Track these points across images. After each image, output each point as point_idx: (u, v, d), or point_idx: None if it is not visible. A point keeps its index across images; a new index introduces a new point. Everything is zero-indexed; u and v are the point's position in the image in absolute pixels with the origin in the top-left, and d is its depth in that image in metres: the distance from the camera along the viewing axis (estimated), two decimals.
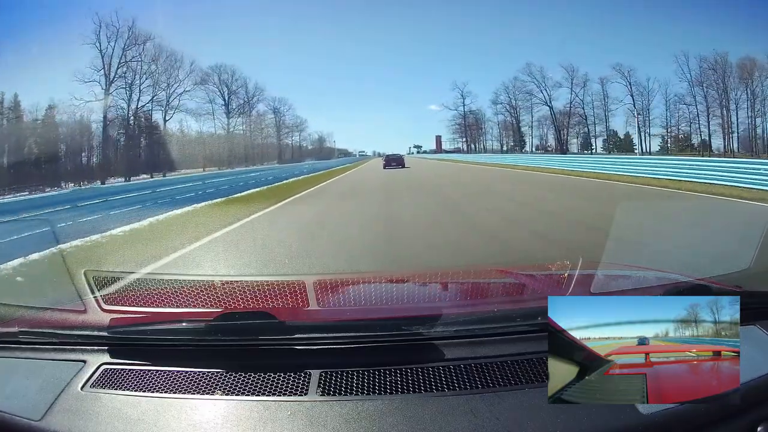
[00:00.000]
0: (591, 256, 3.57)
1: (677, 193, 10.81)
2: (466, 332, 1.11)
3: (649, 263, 2.53)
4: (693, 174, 12.77)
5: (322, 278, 2.30)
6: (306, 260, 4.96)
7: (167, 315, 1.32)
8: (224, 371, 1.07)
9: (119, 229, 7.83)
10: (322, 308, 1.52)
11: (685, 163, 14.56)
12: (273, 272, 4.35)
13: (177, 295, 1.59)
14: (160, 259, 5.31)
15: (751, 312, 1.07)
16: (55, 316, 1.37)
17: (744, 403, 0.91)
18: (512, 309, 1.24)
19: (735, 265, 1.73)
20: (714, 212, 8.21)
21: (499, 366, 1.03)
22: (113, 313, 1.27)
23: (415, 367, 1.03)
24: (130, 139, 33.12)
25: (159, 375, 1.08)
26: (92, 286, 1.46)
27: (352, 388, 0.99)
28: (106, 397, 1.04)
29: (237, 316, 1.18)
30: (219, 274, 4.37)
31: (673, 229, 6.32)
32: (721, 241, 5.05)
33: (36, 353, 1.21)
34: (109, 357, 1.16)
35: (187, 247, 6.02)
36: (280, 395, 1.00)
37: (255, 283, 1.74)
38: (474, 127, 45.42)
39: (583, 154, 37.03)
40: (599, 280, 1.49)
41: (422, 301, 1.61)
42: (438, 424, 0.90)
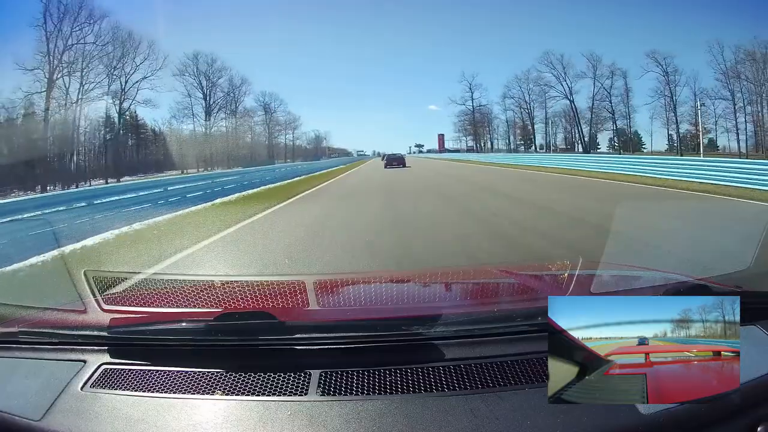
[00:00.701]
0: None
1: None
2: (466, 332, 1.11)
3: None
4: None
5: (322, 278, 2.30)
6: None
7: (167, 315, 1.32)
8: (224, 371, 1.07)
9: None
10: (322, 308, 1.52)
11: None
12: (272, 272, 4.34)
13: (177, 295, 1.59)
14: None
15: (751, 312, 1.07)
16: (55, 316, 1.37)
17: (744, 403, 0.91)
18: (512, 309, 1.24)
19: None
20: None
21: (499, 366, 1.03)
22: (113, 313, 1.27)
23: (415, 367, 1.03)
24: (71, 138, 26.82)
25: (159, 375, 1.08)
26: (92, 286, 1.46)
27: (352, 388, 0.99)
28: (106, 397, 1.04)
29: (237, 316, 1.18)
30: (219, 274, 4.37)
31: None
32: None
33: (36, 353, 1.21)
34: (109, 357, 1.16)
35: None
36: (280, 395, 1.00)
37: (255, 283, 1.74)
38: (481, 124, 41.62)
39: (608, 153, 33.32)
40: (599, 280, 1.49)
41: (422, 301, 1.61)
42: (438, 424, 0.90)
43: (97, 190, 14.81)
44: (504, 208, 9.08)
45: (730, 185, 11.27)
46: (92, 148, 30.26)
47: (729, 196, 9.86)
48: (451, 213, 8.57)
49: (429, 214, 8.59)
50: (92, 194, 12.75)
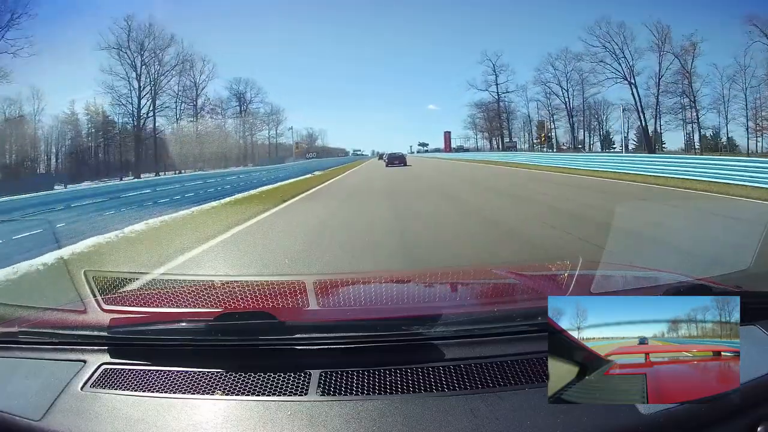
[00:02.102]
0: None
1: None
2: (466, 332, 1.11)
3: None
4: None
5: (322, 278, 2.30)
6: None
7: (167, 315, 1.32)
8: (224, 371, 1.07)
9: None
10: (322, 308, 1.52)
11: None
12: (273, 272, 4.33)
13: (177, 295, 1.59)
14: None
15: (751, 312, 1.07)
16: (55, 316, 1.37)
17: (744, 403, 0.91)
18: (512, 309, 1.24)
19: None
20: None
21: (499, 366, 1.03)
22: (113, 313, 1.27)
23: (415, 367, 1.03)
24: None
25: (159, 375, 1.08)
26: (92, 286, 1.46)
27: (352, 388, 0.99)
28: (106, 397, 1.04)
29: (237, 316, 1.18)
30: (219, 274, 4.37)
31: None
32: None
33: (36, 353, 1.21)
34: (109, 357, 1.16)
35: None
36: (280, 395, 1.00)
37: (255, 283, 1.74)
38: (499, 117, 32.24)
39: (674, 153, 24.18)
40: (599, 280, 1.49)
41: (422, 301, 1.61)
42: (438, 424, 0.90)
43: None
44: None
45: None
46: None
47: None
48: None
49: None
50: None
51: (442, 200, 10.87)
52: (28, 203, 10.88)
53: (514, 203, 10.11)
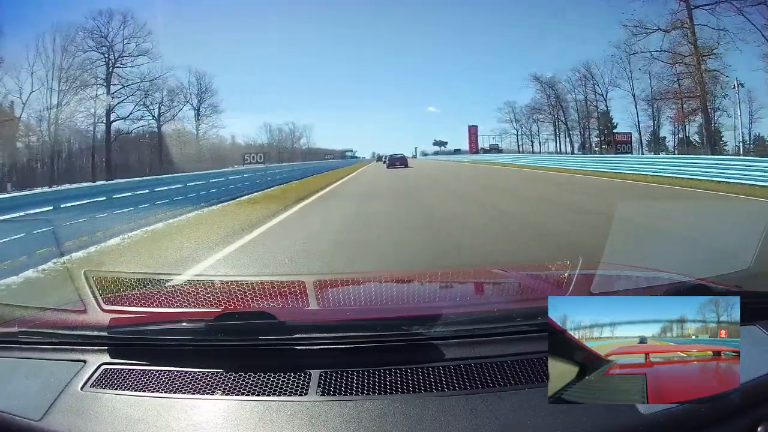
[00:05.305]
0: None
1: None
2: (466, 332, 1.11)
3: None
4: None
5: (322, 278, 2.31)
6: None
7: (167, 315, 1.32)
8: (224, 371, 1.07)
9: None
10: (322, 308, 1.52)
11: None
12: (272, 272, 4.33)
13: (177, 295, 1.59)
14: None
15: (751, 312, 1.07)
16: (55, 316, 1.37)
17: (744, 403, 0.91)
18: (512, 309, 1.24)
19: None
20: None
21: (499, 366, 1.03)
22: (113, 313, 1.27)
23: (415, 367, 1.03)
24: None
25: (159, 375, 1.08)
26: (92, 286, 1.46)
27: (352, 388, 0.99)
28: (106, 397, 1.04)
29: (237, 316, 1.18)
30: (219, 274, 4.37)
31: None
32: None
33: (36, 353, 1.21)
34: (109, 357, 1.16)
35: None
36: (280, 395, 0.99)
37: (255, 283, 1.74)
38: (548, 108, 26.86)
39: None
40: (599, 280, 1.49)
41: (422, 301, 1.61)
42: (438, 424, 0.90)
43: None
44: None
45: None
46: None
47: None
48: None
49: None
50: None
51: None
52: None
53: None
